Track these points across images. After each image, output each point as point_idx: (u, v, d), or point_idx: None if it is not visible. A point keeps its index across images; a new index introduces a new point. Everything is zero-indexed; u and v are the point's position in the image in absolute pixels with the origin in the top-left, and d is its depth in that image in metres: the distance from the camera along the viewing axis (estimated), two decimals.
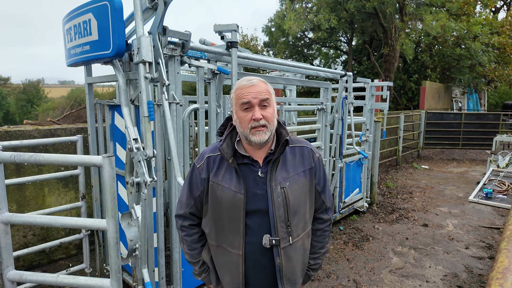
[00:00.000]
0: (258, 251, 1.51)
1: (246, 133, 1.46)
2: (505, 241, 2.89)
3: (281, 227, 1.49)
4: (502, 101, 24.30)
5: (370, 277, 3.82)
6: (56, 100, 25.89)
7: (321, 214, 1.70)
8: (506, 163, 8.13)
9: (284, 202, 1.49)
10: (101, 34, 2.39)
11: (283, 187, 1.49)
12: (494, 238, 4.92)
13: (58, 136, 3.99)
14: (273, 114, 1.49)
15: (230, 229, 1.51)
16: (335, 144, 5.05)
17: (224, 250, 1.54)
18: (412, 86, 17.09)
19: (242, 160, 1.52)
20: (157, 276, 2.78)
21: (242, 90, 1.46)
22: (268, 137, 1.46)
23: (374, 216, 5.81)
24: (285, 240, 1.50)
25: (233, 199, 1.48)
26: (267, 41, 20.42)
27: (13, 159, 1.71)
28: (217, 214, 1.53)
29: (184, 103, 3.20)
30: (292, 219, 1.51)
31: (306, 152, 1.61)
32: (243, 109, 1.45)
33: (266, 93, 1.46)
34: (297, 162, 1.58)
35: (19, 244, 3.76)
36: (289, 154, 1.57)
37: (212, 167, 1.55)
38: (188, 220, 1.64)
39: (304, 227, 1.59)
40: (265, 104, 1.45)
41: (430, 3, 13.99)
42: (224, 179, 1.51)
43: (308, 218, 1.62)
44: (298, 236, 1.55)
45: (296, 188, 1.53)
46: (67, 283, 1.73)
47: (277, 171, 1.51)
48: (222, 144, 1.54)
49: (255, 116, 1.43)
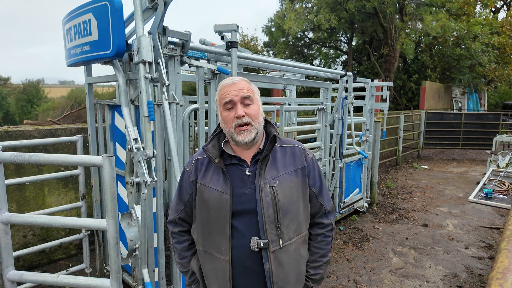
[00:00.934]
0: (247, 256, 1.43)
1: (231, 133, 1.43)
2: (505, 241, 2.89)
3: (270, 228, 1.41)
4: (502, 101, 24.32)
5: (370, 277, 3.82)
6: (56, 100, 25.89)
7: (321, 218, 1.60)
8: (506, 163, 8.13)
9: (273, 202, 1.42)
10: (101, 34, 2.39)
11: (272, 186, 1.43)
12: (494, 238, 4.92)
13: (58, 136, 3.99)
14: (257, 111, 1.45)
15: (217, 232, 1.45)
16: (335, 144, 5.05)
17: (211, 256, 1.48)
18: (412, 86, 17.09)
19: (230, 160, 1.49)
20: (157, 276, 2.78)
21: (224, 89, 1.44)
22: (254, 136, 1.43)
23: (374, 216, 5.81)
24: (274, 242, 1.42)
25: (219, 200, 1.43)
26: (267, 41, 20.43)
27: (13, 159, 1.71)
28: (205, 217, 1.48)
29: (184, 103, 3.20)
30: (283, 220, 1.43)
31: (297, 152, 1.55)
32: (226, 108, 1.43)
33: (248, 90, 1.44)
34: (287, 161, 1.51)
35: (19, 244, 3.76)
36: (279, 154, 1.52)
37: (200, 170, 1.52)
38: (178, 226, 1.61)
39: (297, 230, 1.49)
40: (248, 102, 1.42)
41: (430, 3, 13.99)
42: (211, 180, 1.47)
43: (302, 221, 1.52)
44: (291, 240, 1.46)
45: (286, 186, 1.46)
46: (67, 283, 1.73)
47: (266, 170, 1.46)
48: (207, 145, 1.52)
49: (237, 113, 1.40)
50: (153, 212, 2.70)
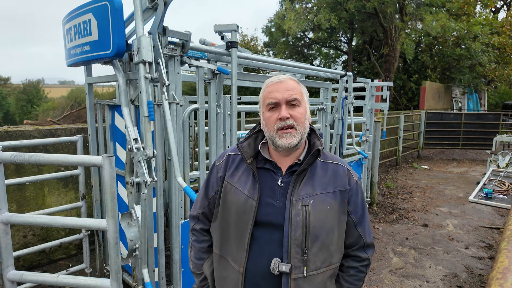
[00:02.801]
0: (262, 275, 1.28)
1: (272, 135, 1.30)
2: (505, 241, 2.89)
3: (296, 253, 1.25)
4: (502, 101, 24.32)
5: (370, 277, 3.82)
6: (56, 100, 25.90)
7: (357, 251, 1.40)
8: (506, 163, 8.13)
9: (303, 223, 1.26)
10: (101, 34, 2.39)
11: (305, 205, 1.27)
12: (494, 238, 4.92)
13: (58, 136, 3.99)
14: (304, 115, 1.32)
15: (235, 238, 1.33)
16: (335, 144, 5.05)
17: (226, 262, 1.37)
18: (412, 86, 17.09)
19: (264, 164, 1.37)
20: (157, 276, 2.78)
21: (269, 87, 1.33)
22: (298, 141, 1.29)
23: (374, 216, 5.81)
24: (298, 269, 1.26)
25: (244, 204, 1.31)
26: (267, 41, 20.42)
27: (13, 159, 1.71)
28: (226, 219, 1.38)
29: (184, 103, 3.20)
30: (311, 246, 1.27)
31: (341, 171, 1.38)
32: (269, 108, 1.32)
33: (295, 91, 1.31)
34: (327, 180, 1.34)
35: (19, 244, 3.76)
36: (319, 169, 1.36)
37: (230, 166, 1.42)
38: (200, 223, 1.51)
39: (326, 261, 1.31)
40: (294, 103, 1.30)
41: (430, 3, 13.99)
42: (239, 181, 1.36)
43: (334, 252, 1.33)
44: (317, 270, 1.29)
45: (322, 209, 1.29)
46: (67, 283, 1.73)
47: (302, 185, 1.30)
48: (242, 142, 1.40)
49: (281, 114, 1.27)
50: (153, 212, 2.70)
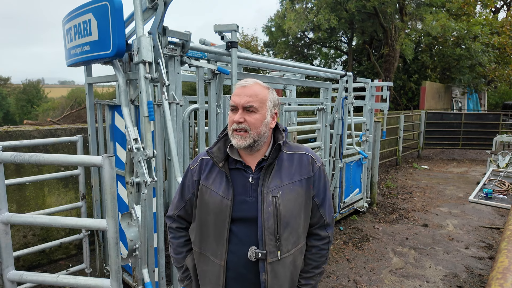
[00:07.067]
0: (242, 264, 1.42)
1: (230, 134, 1.43)
2: (505, 241, 2.89)
3: (269, 240, 1.39)
4: (502, 101, 24.30)
5: (370, 277, 3.82)
6: (56, 100, 25.87)
7: (319, 230, 1.55)
8: (506, 163, 8.13)
9: (274, 212, 1.39)
10: (101, 34, 2.39)
11: (275, 196, 1.40)
12: (494, 238, 4.92)
13: (58, 136, 3.99)
14: (260, 121, 1.40)
15: (214, 236, 1.44)
16: (335, 144, 5.06)
17: (206, 258, 1.48)
18: (412, 86, 17.09)
19: (235, 165, 1.46)
20: (157, 276, 2.78)
21: (236, 90, 1.43)
22: (249, 144, 1.39)
23: (374, 216, 5.81)
24: (272, 254, 1.40)
25: (220, 204, 1.42)
26: (267, 41, 20.42)
27: (13, 159, 1.71)
28: (204, 219, 1.47)
29: (184, 103, 3.20)
30: (283, 232, 1.41)
31: (305, 160, 1.50)
32: (231, 110, 1.43)
33: (254, 99, 1.39)
34: (293, 170, 1.47)
35: (19, 244, 3.76)
36: (286, 161, 1.48)
37: (204, 170, 1.50)
38: (176, 222, 1.61)
39: (296, 242, 1.47)
40: (250, 110, 1.39)
41: (430, 3, 13.99)
42: (214, 183, 1.46)
43: (301, 233, 1.49)
44: (289, 252, 1.44)
45: (290, 198, 1.43)
46: (67, 283, 1.73)
47: (270, 178, 1.43)
48: (212, 148, 1.49)
49: (235, 118, 1.38)
50: (153, 212, 2.70)
